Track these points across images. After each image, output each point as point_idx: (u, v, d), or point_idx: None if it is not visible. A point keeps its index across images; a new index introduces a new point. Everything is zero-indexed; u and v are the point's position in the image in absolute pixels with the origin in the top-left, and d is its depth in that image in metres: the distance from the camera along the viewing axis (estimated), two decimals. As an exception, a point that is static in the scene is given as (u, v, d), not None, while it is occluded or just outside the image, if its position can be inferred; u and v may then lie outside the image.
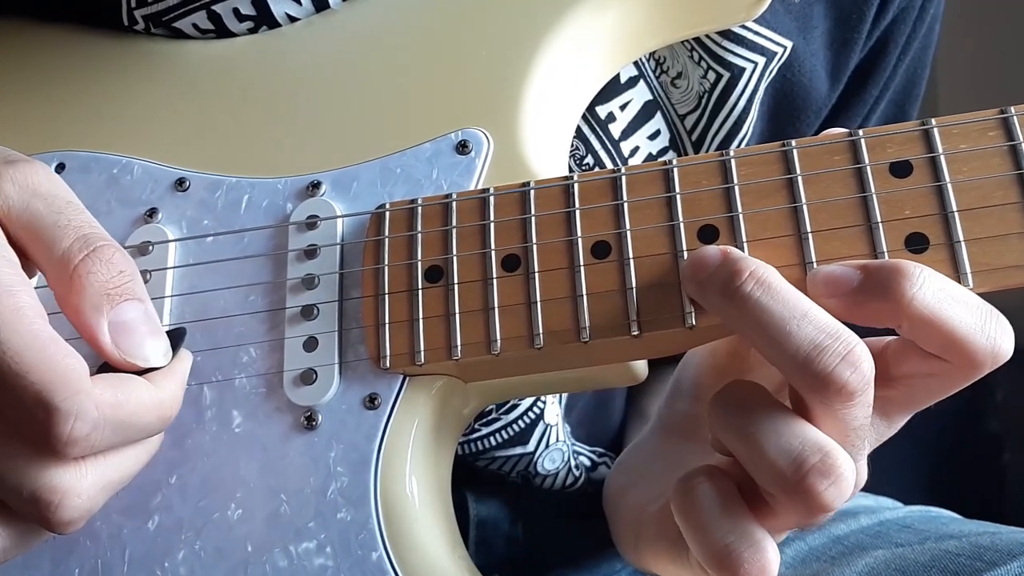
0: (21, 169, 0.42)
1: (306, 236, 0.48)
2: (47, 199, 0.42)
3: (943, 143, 0.41)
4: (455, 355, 0.44)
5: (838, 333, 0.38)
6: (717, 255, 0.40)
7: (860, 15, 0.61)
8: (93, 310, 0.40)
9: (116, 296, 0.41)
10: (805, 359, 0.37)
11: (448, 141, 0.49)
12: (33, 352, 0.38)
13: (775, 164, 0.43)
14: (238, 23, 0.55)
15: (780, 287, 0.39)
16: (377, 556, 0.43)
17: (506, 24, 0.51)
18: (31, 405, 0.37)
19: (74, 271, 0.40)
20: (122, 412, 0.39)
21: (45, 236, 0.41)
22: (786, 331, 0.38)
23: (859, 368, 0.37)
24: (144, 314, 0.42)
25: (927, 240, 0.40)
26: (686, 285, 0.42)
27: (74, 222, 0.41)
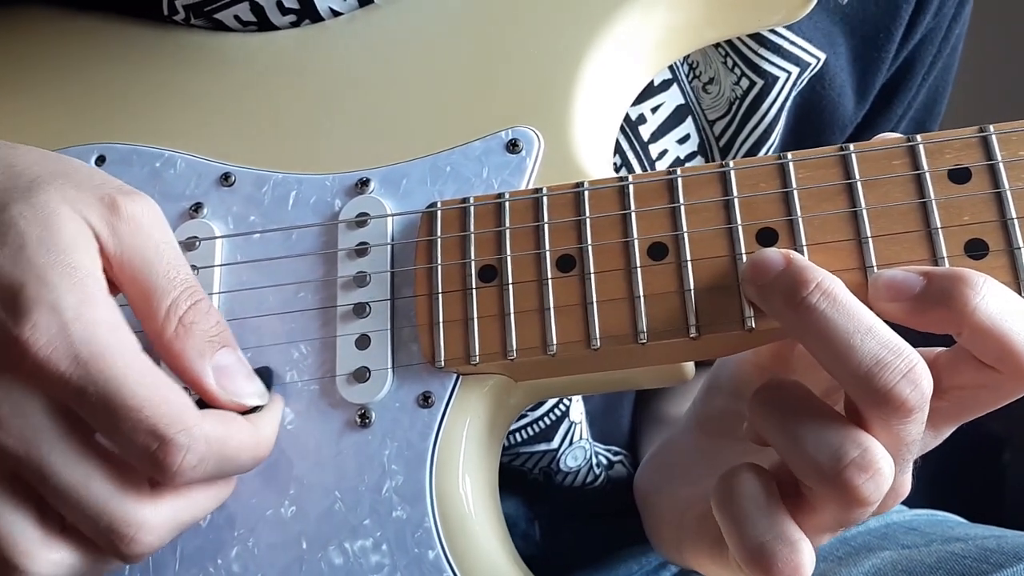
0: (138, 204, 0.43)
1: (356, 234, 0.48)
2: (159, 245, 0.43)
3: (1001, 149, 0.42)
4: (511, 356, 0.44)
5: (900, 349, 0.38)
6: (779, 260, 0.41)
7: (888, 35, 0.61)
8: (199, 356, 0.42)
9: (216, 343, 0.43)
10: (867, 374, 0.38)
11: (498, 139, 0.49)
12: (145, 386, 0.39)
13: (834, 168, 0.43)
14: (281, 16, 0.55)
15: (846, 300, 0.39)
16: (435, 555, 0.44)
17: (556, 22, 0.51)
18: (145, 436, 0.39)
19: (180, 320, 0.42)
20: (226, 448, 0.41)
21: (154, 284, 0.43)
22: (849, 345, 0.38)
23: (919, 386, 0.38)
24: (238, 360, 0.44)
25: (987, 246, 0.41)
26: (745, 288, 0.42)
27: (181, 274, 0.44)
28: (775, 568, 0.39)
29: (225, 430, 0.41)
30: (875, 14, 0.60)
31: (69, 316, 0.39)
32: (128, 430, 0.39)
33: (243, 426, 0.43)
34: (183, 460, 0.39)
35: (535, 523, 0.69)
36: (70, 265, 0.41)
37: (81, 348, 0.39)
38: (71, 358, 0.39)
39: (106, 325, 0.40)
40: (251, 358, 0.48)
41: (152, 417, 0.39)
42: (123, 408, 0.39)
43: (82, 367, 0.39)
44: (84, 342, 0.39)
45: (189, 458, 0.40)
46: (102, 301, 0.41)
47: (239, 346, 0.48)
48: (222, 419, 0.42)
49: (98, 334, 0.40)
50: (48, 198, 0.42)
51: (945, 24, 0.63)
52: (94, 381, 0.39)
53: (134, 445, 0.39)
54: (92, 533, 0.40)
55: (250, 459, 0.43)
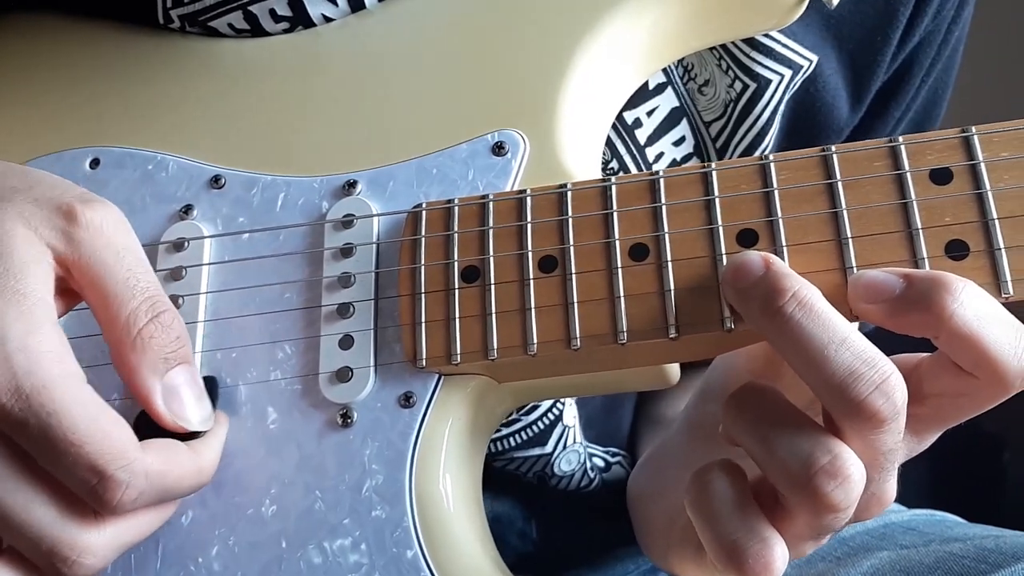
0: (99, 213, 0.43)
1: (342, 235, 0.49)
2: (119, 251, 0.43)
3: (983, 151, 0.41)
4: (491, 355, 0.44)
5: (874, 361, 0.38)
6: (759, 265, 0.40)
7: (884, 38, 0.61)
8: (151, 373, 0.42)
9: (172, 360, 0.43)
10: (840, 384, 0.38)
11: (484, 142, 0.49)
12: (87, 421, 0.39)
13: (815, 169, 0.43)
14: (274, 23, 0.55)
15: (821, 310, 0.39)
16: (412, 554, 0.43)
17: (543, 25, 0.51)
18: (85, 471, 0.39)
19: (138, 333, 0.42)
20: (166, 480, 0.41)
21: (112, 292, 0.42)
22: (823, 355, 0.38)
23: (891, 398, 0.38)
24: (191, 378, 0.44)
25: (967, 247, 0.40)
26: (725, 290, 0.42)
27: (142, 282, 0.43)
28: (747, 565, 0.39)
29: (165, 462, 0.41)
30: (871, 17, 0.60)
31: (12, 347, 0.39)
32: (69, 464, 0.39)
33: (184, 457, 0.43)
34: (123, 495, 0.40)
35: (532, 522, 0.69)
36: (19, 292, 0.40)
37: (23, 380, 0.39)
38: (12, 390, 0.39)
39: (51, 355, 0.40)
40: (234, 358, 0.48)
41: (93, 453, 0.39)
42: (63, 443, 0.39)
43: (23, 400, 0.39)
44: (27, 373, 0.39)
45: (128, 493, 0.40)
46: (48, 330, 0.40)
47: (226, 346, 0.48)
48: (163, 451, 0.42)
49: (42, 365, 0.39)
50: (3, 217, 0.42)
51: (944, 26, 0.63)
52: (36, 414, 0.39)
53: (75, 478, 0.39)
54: (34, 556, 0.40)
55: (190, 487, 0.43)
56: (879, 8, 0.60)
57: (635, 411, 0.73)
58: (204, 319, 0.49)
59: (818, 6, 0.58)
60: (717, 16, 0.53)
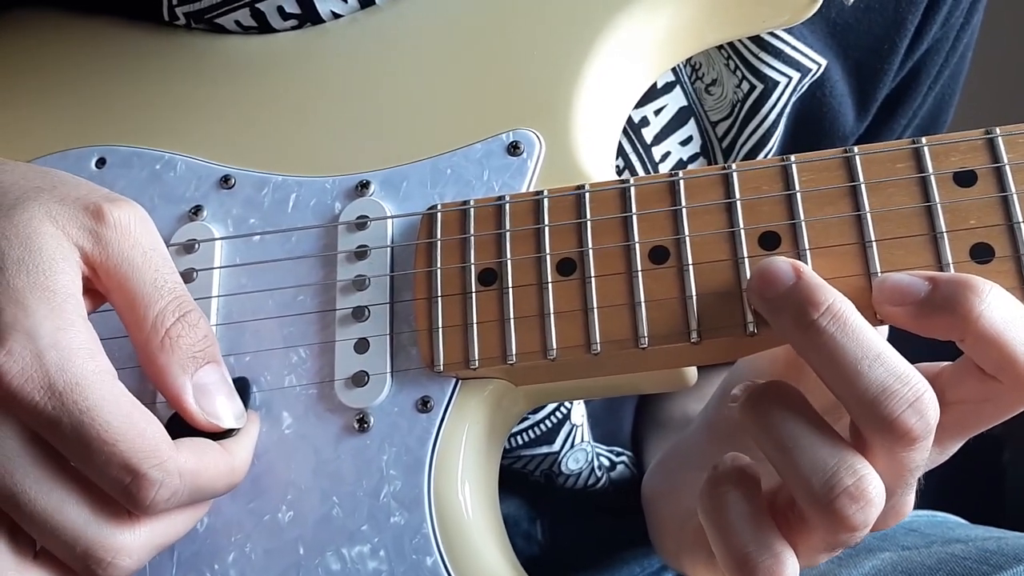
0: (125, 212, 0.42)
1: (356, 236, 0.48)
2: (146, 251, 0.43)
3: (1008, 152, 0.41)
4: (510, 360, 0.44)
5: (908, 378, 0.37)
6: (789, 273, 0.40)
7: (892, 46, 0.60)
8: (181, 372, 0.42)
9: (200, 359, 0.42)
10: (873, 401, 0.37)
11: (499, 142, 0.49)
12: (120, 418, 0.39)
13: (837, 170, 0.42)
14: (282, 20, 0.54)
15: (856, 325, 0.38)
16: (432, 561, 0.43)
17: (558, 24, 0.50)
18: (119, 470, 0.39)
19: (166, 333, 0.42)
20: (200, 479, 0.41)
21: (140, 292, 0.42)
22: (857, 371, 0.37)
23: (925, 416, 0.37)
24: (221, 377, 0.43)
25: (992, 251, 0.40)
26: (752, 298, 0.41)
27: (169, 283, 0.43)
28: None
29: (199, 461, 0.41)
30: (878, 25, 0.59)
31: (44, 343, 0.39)
32: (102, 463, 0.39)
33: (217, 455, 0.42)
34: (156, 494, 0.39)
35: (537, 523, 0.69)
36: (48, 288, 0.40)
37: (56, 377, 0.38)
38: (45, 388, 0.38)
39: (83, 352, 0.39)
40: (248, 363, 0.48)
41: (126, 451, 0.39)
42: (96, 441, 0.38)
43: (56, 398, 0.38)
44: (59, 370, 0.38)
45: (162, 492, 0.39)
46: (80, 326, 0.40)
47: (239, 350, 0.48)
48: (196, 449, 0.41)
49: (74, 362, 0.39)
50: (30, 216, 0.41)
51: (953, 33, 0.62)
52: (68, 412, 0.38)
53: (107, 477, 0.39)
54: (68, 559, 0.40)
55: (224, 487, 0.43)
56: (887, 16, 0.59)
57: (637, 411, 0.72)
58: (216, 323, 0.48)
59: (825, 12, 0.57)
60: (731, 12, 0.53)
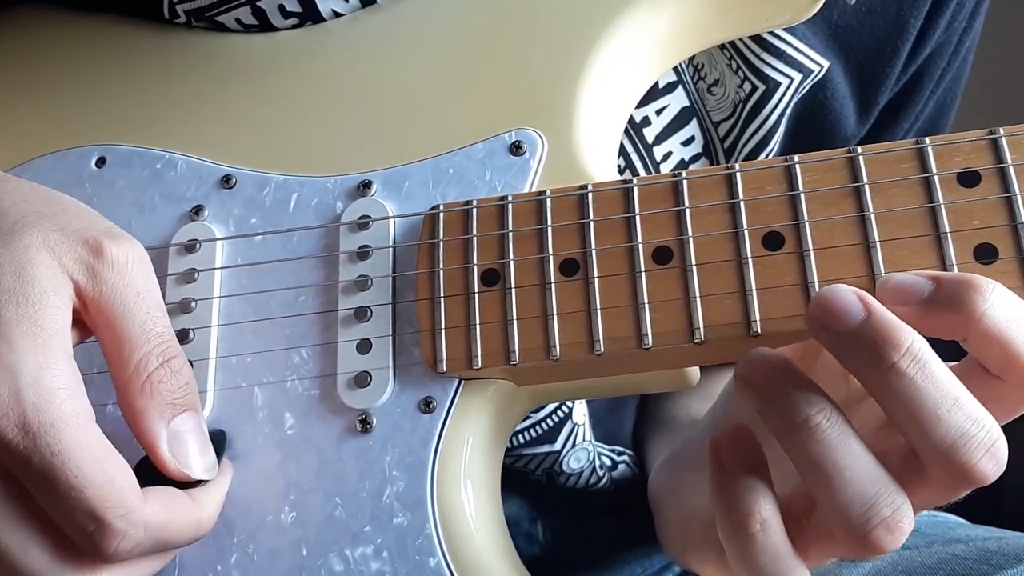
0: (124, 249, 0.42)
1: (358, 237, 0.48)
2: (140, 293, 0.42)
3: (1012, 152, 0.41)
4: (513, 360, 0.44)
5: (984, 422, 0.37)
6: (858, 307, 0.38)
7: (895, 50, 0.60)
8: (158, 418, 0.41)
9: (179, 406, 0.42)
10: (952, 447, 0.37)
11: (501, 141, 0.49)
12: (91, 465, 0.38)
13: (841, 170, 0.42)
14: (283, 19, 0.54)
15: (935, 368, 0.37)
16: (436, 562, 0.43)
17: (560, 23, 0.50)
18: (83, 517, 0.38)
19: (148, 377, 0.41)
20: (165, 532, 0.40)
21: (128, 333, 0.42)
22: (936, 415, 0.37)
23: (1000, 460, 0.37)
24: (198, 426, 0.43)
25: (996, 251, 0.40)
26: (812, 327, 0.39)
27: (158, 326, 0.42)
28: None
29: (166, 514, 0.40)
30: (880, 28, 0.59)
31: (24, 381, 0.38)
32: (68, 508, 0.38)
33: (185, 507, 0.42)
34: (119, 545, 0.39)
35: (538, 523, 0.69)
36: (36, 323, 0.39)
37: (31, 417, 0.38)
38: (20, 426, 0.38)
39: (62, 393, 0.39)
40: (249, 363, 0.48)
41: (93, 499, 0.38)
42: (64, 485, 0.38)
43: (30, 437, 0.38)
44: (35, 410, 0.38)
45: (125, 543, 0.39)
46: (62, 365, 0.40)
47: (241, 351, 0.48)
48: (165, 501, 0.41)
49: (52, 403, 0.38)
50: (27, 244, 0.41)
51: (956, 38, 0.62)
52: (40, 453, 0.38)
53: (72, 523, 0.39)
54: None
55: (187, 539, 0.42)
56: (889, 19, 0.59)
57: (638, 410, 0.72)
58: (218, 323, 0.48)
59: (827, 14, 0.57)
60: (732, 11, 0.52)
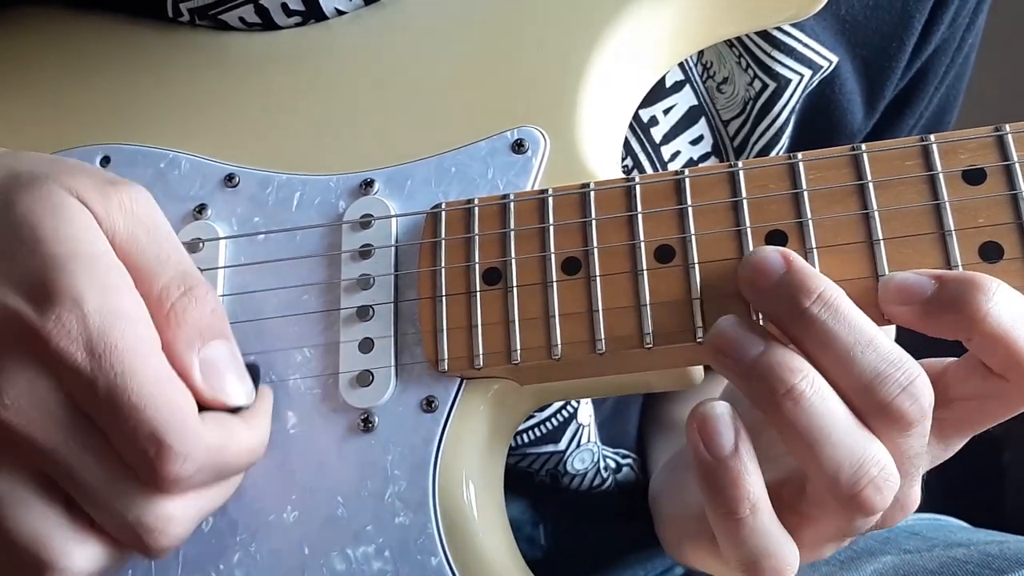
0: (128, 193, 0.42)
1: (360, 235, 0.48)
2: (150, 229, 0.42)
3: (1018, 150, 0.41)
4: (515, 359, 0.44)
5: (901, 362, 0.38)
6: (779, 263, 0.40)
7: (900, 45, 0.60)
8: (187, 347, 0.41)
9: (208, 334, 0.41)
10: (867, 386, 0.37)
11: (504, 140, 0.48)
12: (153, 386, 0.39)
13: (845, 168, 0.42)
14: (286, 17, 0.54)
15: (847, 311, 0.38)
16: (437, 562, 0.43)
17: (563, 20, 0.50)
18: (144, 440, 0.38)
19: (172, 307, 0.41)
20: (225, 455, 0.40)
21: (145, 267, 0.41)
22: (850, 357, 0.38)
23: (919, 400, 0.37)
24: (230, 354, 0.42)
25: (1001, 250, 0.40)
26: (743, 288, 0.41)
27: (174, 257, 0.42)
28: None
29: (224, 437, 0.41)
30: (886, 23, 0.59)
31: (90, 308, 0.39)
32: (129, 431, 0.38)
33: (241, 431, 0.42)
34: (180, 468, 0.39)
35: (540, 526, 0.69)
36: (90, 256, 0.40)
37: (97, 340, 0.38)
38: (87, 350, 0.38)
39: (126, 318, 0.39)
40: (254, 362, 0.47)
41: (154, 419, 0.38)
42: (127, 406, 0.38)
43: (96, 360, 0.38)
44: (101, 334, 0.38)
45: (186, 467, 0.39)
46: (125, 291, 0.40)
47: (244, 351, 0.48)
48: (221, 425, 0.41)
49: (116, 326, 0.39)
50: (51, 189, 0.41)
51: (959, 34, 0.62)
52: (105, 373, 0.38)
53: (134, 448, 0.39)
54: (116, 530, 0.40)
55: (247, 462, 0.43)
56: (895, 15, 0.59)
57: (642, 413, 0.72)
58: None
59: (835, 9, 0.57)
60: (736, 7, 0.52)
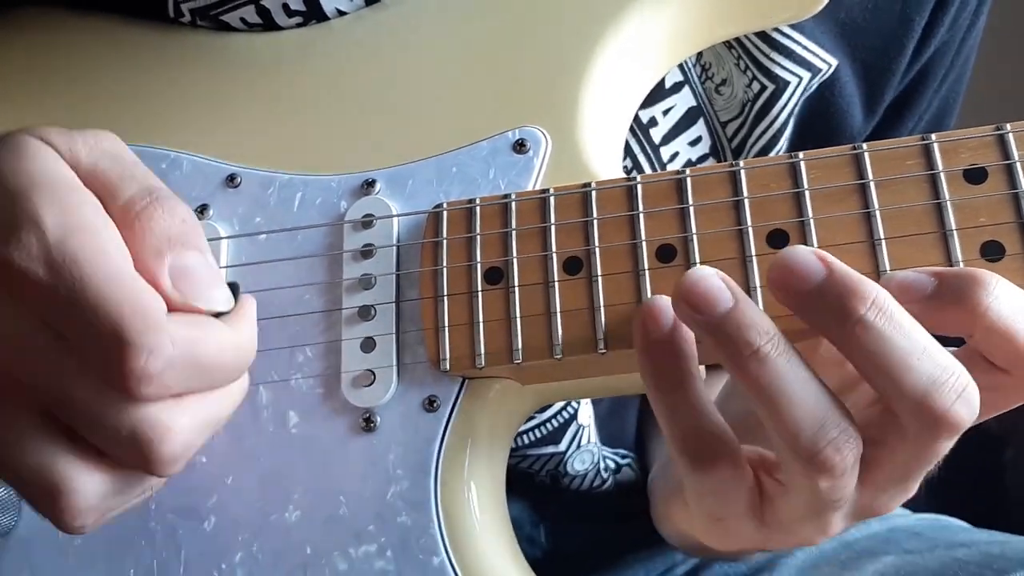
0: (92, 133, 0.42)
1: (362, 235, 0.48)
2: (115, 157, 0.41)
3: (1019, 149, 0.41)
4: (516, 358, 0.44)
5: (954, 369, 0.37)
6: (818, 266, 0.37)
7: (899, 47, 0.60)
8: (154, 255, 0.39)
9: (177, 243, 0.39)
10: (924, 395, 0.36)
11: (505, 140, 0.49)
12: (111, 286, 0.37)
13: (846, 168, 0.42)
14: (287, 18, 0.54)
15: (902, 318, 0.37)
16: (439, 561, 0.43)
17: (564, 20, 0.50)
18: (105, 339, 0.36)
19: (136, 216, 0.39)
20: (200, 350, 0.38)
21: (111, 186, 0.40)
22: (907, 365, 0.36)
23: (973, 405, 0.37)
24: (205, 263, 0.40)
25: (1003, 249, 0.40)
26: (776, 293, 0.39)
27: (139, 176, 0.41)
28: None
29: (197, 332, 0.38)
30: (886, 25, 0.59)
31: (48, 224, 0.37)
32: (92, 335, 0.37)
33: (217, 327, 0.39)
34: (145, 364, 0.36)
35: (540, 526, 0.69)
36: (51, 183, 0.39)
37: (56, 254, 0.37)
38: (47, 264, 0.37)
39: (85, 230, 0.38)
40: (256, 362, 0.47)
41: (112, 315, 0.36)
42: (86, 309, 0.36)
43: (55, 271, 0.37)
44: (59, 246, 0.37)
45: (152, 362, 0.36)
46: (87, 206, 0.39)
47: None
48: (193, 320, 0.39)
49: (75, 237, 0.38)
50: (16, 136, 0.41)
51: (959, 36, 0.62)
52: (65, 282, 0.37)
53: (97, 350, 0.37)
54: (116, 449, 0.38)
55: (234, 361, 0.40)
56: (894, 18, 0.59)
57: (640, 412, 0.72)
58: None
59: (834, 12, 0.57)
60: (737, 7, 0.52)
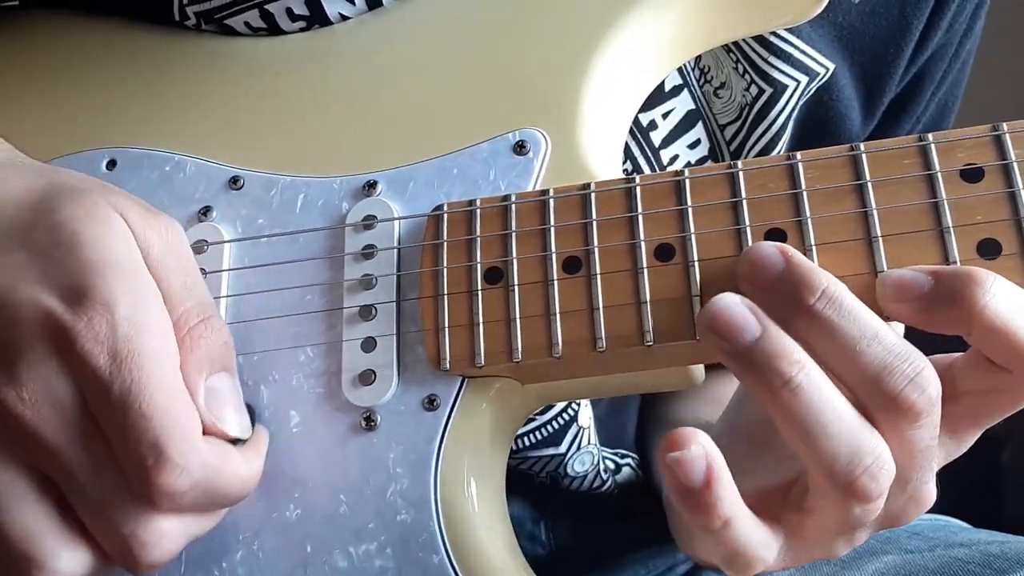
0: (165, 222, 0.45)
1: (363, 237, 0.48)
2: (180, 259, 0.44)
3: (1015, 148, 0.41)
4: (515, 357, 0.44)
5: (907, 355, 0.38)
6: (778, 260, 0.40)
7: (897, 50, 0.60)
8: (197, 371, 0.42)
9: (216, 364, 0.43)
10: (874, 379, 0.38)
11: (505, 141, 0.49)
12: (164, 398, 0.40)
13: (843, 168, 0.42)
14: (290, 22, 0.55)
15: (851, 305, 0.38)
16: (439, 559, 0.43)
17: (564, 22, 0.51)
18: (146, 447, 0.39)
19: (189, 332, 0.43)
20: (218, 478, 0.41)
21: (171, 291, 0.43)
22: (856, 351, 0.38)
23: (926, 391, 0.38)
24: (233, 387, 0.44)
25: (1000, 247, 0.40)
26: (742, 285, 0.41)
27: (198, 288, 0.44)
28: None
29: (221, 460, 0.41)
30: (883, 29, 0.60)
31: (120, 315, 0.40)
32: (133, 438, 0.39)
33: (237, 459, 0.43)
34: (176, 480, 0.39)
35: (541, 524, 0.69)
36: (126, 267, 0.42)
37: (121, 347, 0.40)
38: (110, 354, 0.40)
39: (151, 332, 0.41)
40: (256, 362, 0.48)
41: (158, 428, 0.39)
42: (135, 413, 0.39)
43: (116, 365, 0.40)
44: (125, 341, 0.40)
45: (181, 480, 0.39)
46: (153, 305, 0.42)
47: (247, 350, 0.48)
48: (219, 448, 0.42)
49: (142, 337, 0.40)
50: (96, 201, 0.43)
51: (956, 39, 0.63)
52: (121, 379, 0.40)
53: (135, 454, 0.39)
54: (108, 542, 0.40)
55: (238, 494, 0.43)
56: (892, 20, 0.59)
57: (641, 413, 0.72)
58: (225, 322, 0.48)
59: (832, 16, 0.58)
60: (737, 11, 0.53)
